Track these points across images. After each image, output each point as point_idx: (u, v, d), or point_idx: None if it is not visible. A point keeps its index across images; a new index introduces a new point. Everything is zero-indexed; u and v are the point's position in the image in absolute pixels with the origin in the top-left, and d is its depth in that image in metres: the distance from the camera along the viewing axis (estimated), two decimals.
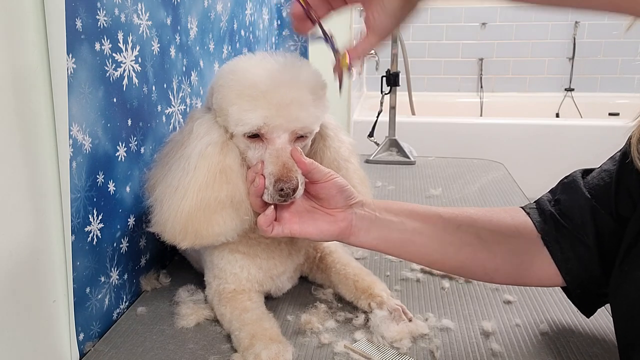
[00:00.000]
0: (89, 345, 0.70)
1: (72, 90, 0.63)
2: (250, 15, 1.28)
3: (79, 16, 0.63)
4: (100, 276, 0.73)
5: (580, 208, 0.67)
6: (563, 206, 0.69)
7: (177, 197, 0.68)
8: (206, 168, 0.69)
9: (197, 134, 0.70)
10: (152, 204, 0.72)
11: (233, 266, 0.77)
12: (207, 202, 0.69)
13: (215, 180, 0.69)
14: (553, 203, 0.71)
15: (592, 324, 0.75)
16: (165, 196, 0.69)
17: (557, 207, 0.70)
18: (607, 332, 0.74)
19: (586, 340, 0.72)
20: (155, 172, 0.74)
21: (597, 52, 3.64)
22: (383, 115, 1.81)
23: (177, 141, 0.73)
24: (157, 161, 0.76)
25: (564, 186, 0.71)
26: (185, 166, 0.69)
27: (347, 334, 0.72)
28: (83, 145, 0.66)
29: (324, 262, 0.84)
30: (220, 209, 0.69)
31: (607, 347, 0.70)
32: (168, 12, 0.87)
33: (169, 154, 0.73)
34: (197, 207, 0.68)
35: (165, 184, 0.70)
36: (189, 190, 0.68)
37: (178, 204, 0.68)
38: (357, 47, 0.61)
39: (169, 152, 0.74)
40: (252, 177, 0.69)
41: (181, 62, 0.93)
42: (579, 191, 0.68)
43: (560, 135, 2.87)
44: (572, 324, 0.76)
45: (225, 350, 0.69)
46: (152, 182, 0.74)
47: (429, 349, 0.69)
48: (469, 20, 3.70)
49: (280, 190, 0.66)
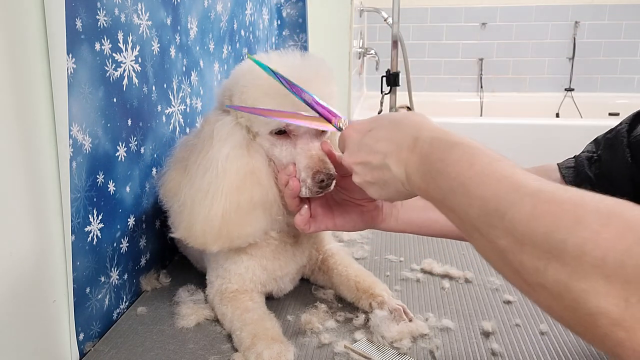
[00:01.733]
0: (89, 345, 0.70)
1: (72, 90, 0.63)
2: (250, 15, 1.27)
3: (79, 16, 0.63)
4: (100, 276, 0.73)
5: (619, 168, 0.65)
6: (603, 165, 0.66)
7: (208, 201, 0.68)
8: (235, 170, 0.69)
9: (220, 136, 0.70)
10: (175, 210, 0.72)
11: (238, 266, 0.77)
12: (240, 204, 0.69)
13: (246, 182, 0.69)
14: (594, 160, 0.68)
15: None
16: (195, 201, 0.69)
17: (596, 166, 0.67)
18: None
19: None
20: (174, 177, 0.74)
21: (597, 52, 3.64)
22: None
23: (195, 145, 0.73)
24: (172, 166, 0.75)
25: (607, 142, 0.68)
26: (212, 170, 0.69)
27: (347, 334, 0.72)
28: (83, 145, 0.66)
29: (326, 264, 0.85)
30: (252, 210, 0.70)
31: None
32: (168, 12, 0.87)
33: (188, 158, 0.73)
34: (231, 210, 0.69)
35: (192, 189, 0.70)
36: (220, 194, 0.68)
37: (210, 208, 0.68)
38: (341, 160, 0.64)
39: (187, 156, 0.73)
40: (285, 179, 0.69)
41: (181, 62, 0.93)
42: (620, 150, 0.65)
43: (560, 135, 2.87)
44: None
45: (226, 350, 0.69)
46: (170, 187, 0.73)
47: (429, 349, 0.69)
48: (469, 20, 3.70)
49: (321, 181, 0.67)
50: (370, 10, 3.03)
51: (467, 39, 3.74)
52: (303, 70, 0.68)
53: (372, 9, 2.98)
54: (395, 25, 1.77)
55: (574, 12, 3.59)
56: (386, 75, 1.78)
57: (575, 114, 3.58)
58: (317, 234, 0.84)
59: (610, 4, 3.54)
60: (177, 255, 0.96)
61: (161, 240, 0.92)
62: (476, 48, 3.74)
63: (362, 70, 3.50)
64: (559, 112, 3.65)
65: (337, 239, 1.04)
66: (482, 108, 3.70)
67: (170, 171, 0.75)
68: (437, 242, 1.04)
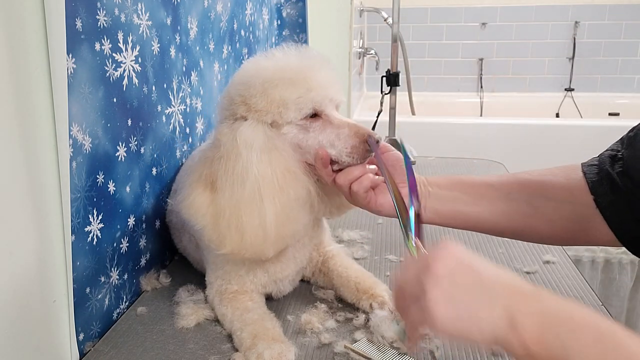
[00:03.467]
0: (89, 345, 0.70)
1: (72, 90, 0.63)
2: (250, 15, 1.27)
3: (79, 16, 0.63)
4: (100, 276, 0.73)
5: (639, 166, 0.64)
6: (626, 163, 0.66)
7: (256, 209, 0.68)
8: (272, 172, 0.69)
9: (246, 142, 0.69)
10: (213, 227, 0.70)
11: (239, 268, 0.77)
12: (288, 204, 0.69)
13: (286, 181, 0.69)
14: (617, 159, 0.68)
15: None
16: (241, 212, 0.68)
17: (620, 164, 0.67)
18: None
19: None
20: (200, 195, 0.71)
21: (597, 52, 3.64)
22: (383, 115, 1.81)
23: (217, 158, 0.71)
24: (194, 184, 0.72)
25: (629, 140, 0.68)
26: (250, 177, 0.68)
27: (347, 334, 0.72)
28: (83, 145, 0.66)
29: (326, 266, 0.85)
30: (300, 206, 0.71)
31: None
32: (168, 12, 0.87)
33: (214, 173, 0.71)
34: (281, 212, 0.69)
35: (233, 201, 0.68)
36: (267, 199, 0.68)
37: (260, 214, 0.68)
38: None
39: (211, 172, 0.71)
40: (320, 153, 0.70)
41: (181, 62, 0.93)
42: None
43: (560, 135, 2.87)
44: None
45: (226, 350, 0.69)
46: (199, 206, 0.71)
47: (429, 349, 0.69)
48: (469, 20, 3.70)
49: (369, 137, 0.69)
50: (370, 10, 3.03)
51: (467, 39, 3.73)
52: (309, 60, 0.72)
53: (372, 9, 2.98)
54: (395, 25, 1.76)
55: (574, 12, 3.58)
56: (386, 75, 1.77)
57: (575, 114, 3.58)
58: (318, 235, 0.84)
59: (610, 4, 3.54)
60: (177, 255, 0.96)
61: (161, 240, 0.92)
62: (476, 48, 3.74)
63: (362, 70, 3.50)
64: (559, 112, 3.65)
65: (337, 239, 1.04)
66: (482, 108, 3.70)
67: (194, 191, 0.72)
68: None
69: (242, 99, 0.71)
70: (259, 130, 0.70)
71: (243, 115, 0.71)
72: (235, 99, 0.72)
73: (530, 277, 0.90)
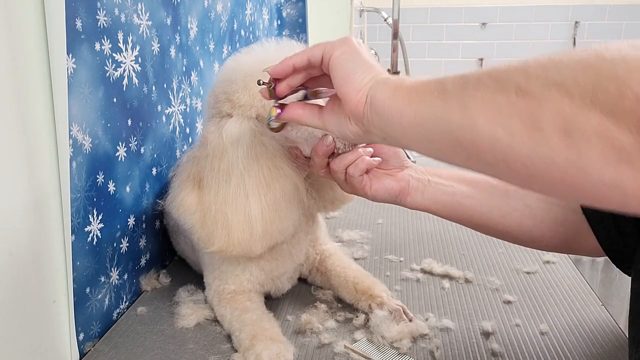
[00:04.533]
0: (89, 345, 0.70)
1: (72, 90, 0.63)
2: (250, 15, 1.28)
3: (79, 16, 0.63)
4: (100, 276, 0.73)
5: None
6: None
7: (242, 206, 0.68)
8: (258, 167, 0.68)
9: (231, 138, 0.69)
10: (201, 225, 0.70)
11: (235, 267, 0.77)
12: (275, 200, 0.69)
13: (272, 176, 0.69)
14: None
15: (592, 324, 0.75)
16: (227, 209, 0.68)
17: None
18: (608, 332, 0.74)
19: (586, 340, 0.72)
20: (189, 194, 0.71)
21: None
22: None
23: (204, 156, 0.71)
24: (182, 184, 0.72)
25: None
26: (235, 173, 0.68)
27: (347, 334, 0.72)
28: (83, 145, 0.66)
29: (324, 265, 0.84)
30: (288, 202, 0.70)
31: (608, 347, 0.70)
32: (168, 12, 0.87)
33: (201, 171, 0.71)
34: (268, 208, 0.68)
35: (219, 199, 0.68)
36: (253, 195, 0.68)
37: (246, 211, 0.67)
38: (292, 110, 0.62)
39: (198, 170, 0.71)
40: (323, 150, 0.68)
41: (181, 62, 0.93)
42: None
43: None
44: (572, 324, 0.76)
45: (226, 350, 0.69)
46: (188, 205, 0.71)
47: (429, 349, 0.69)
48: (469, 20, 3.70)
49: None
50: (370, 10, 3.03)
51: (467, 39, 3.74)
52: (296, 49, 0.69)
53: (372, 9, 2.97)
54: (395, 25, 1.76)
55: (574, 12, 3.59)
56: None
57: None
58: (313, 231, 0.84)
59: (610, 4, 3.54)
60: (177, 256, 0.96)
61: (161, 240, 0.92)
62: (476, 48, 3.74)
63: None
64: None
65: (337, 239, 1.04)
66: None
67: (183, 190, 0.72)
68: (437, 242, 1.04)
69: (225, 96, 0.71)
70: (245, 126, 0.70)
71: (228, 113, 0.71)
72: (220, 97, 0.72)
73: (530, 277, 0.90)
